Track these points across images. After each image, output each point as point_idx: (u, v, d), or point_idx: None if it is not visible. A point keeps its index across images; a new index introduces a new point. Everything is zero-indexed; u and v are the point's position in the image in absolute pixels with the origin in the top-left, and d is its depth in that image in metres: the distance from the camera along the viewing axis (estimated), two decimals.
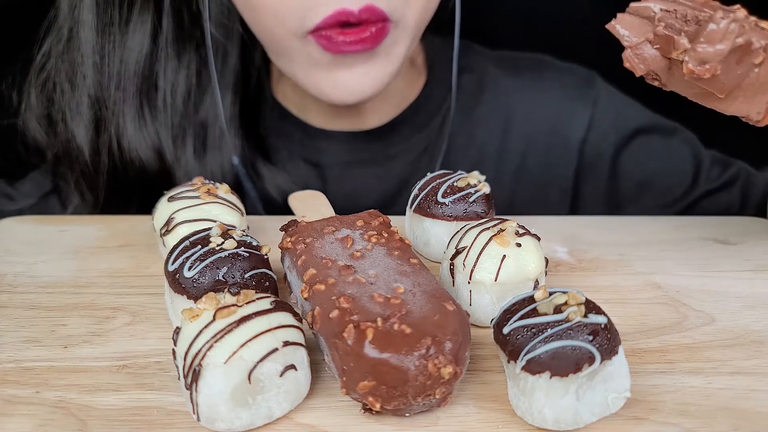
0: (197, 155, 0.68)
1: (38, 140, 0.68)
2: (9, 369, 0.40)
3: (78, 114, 0.65)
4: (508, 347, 0.35)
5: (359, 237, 0.44)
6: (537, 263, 0.43)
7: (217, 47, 0.66)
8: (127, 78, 0.64)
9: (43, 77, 0.66)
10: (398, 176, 0.73)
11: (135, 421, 0.36)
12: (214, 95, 0.66)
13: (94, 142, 0.66)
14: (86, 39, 0.63)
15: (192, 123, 0.67)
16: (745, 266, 0.52)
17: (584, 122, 0.74)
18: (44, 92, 0.66)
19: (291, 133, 0.73)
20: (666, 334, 0.43)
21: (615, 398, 0.35)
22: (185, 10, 0.65)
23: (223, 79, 0.67)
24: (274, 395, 0.35)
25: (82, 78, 0.64)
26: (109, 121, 0.65)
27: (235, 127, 0.69)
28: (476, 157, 0.74)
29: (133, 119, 0.65)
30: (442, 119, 0.73)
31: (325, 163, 0.73)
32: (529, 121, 0.75)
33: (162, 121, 0.66)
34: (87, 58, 0.64)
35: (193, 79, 0.67)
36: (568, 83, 0.75)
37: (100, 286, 0.49)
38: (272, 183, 0.70)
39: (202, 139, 0.68)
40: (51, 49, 0.65)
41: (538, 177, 0.75)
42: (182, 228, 0.48)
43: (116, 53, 0.64)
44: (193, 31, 0.65)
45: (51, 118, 0.66)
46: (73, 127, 0.65)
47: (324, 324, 0.36)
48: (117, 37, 0.64)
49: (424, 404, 0.35)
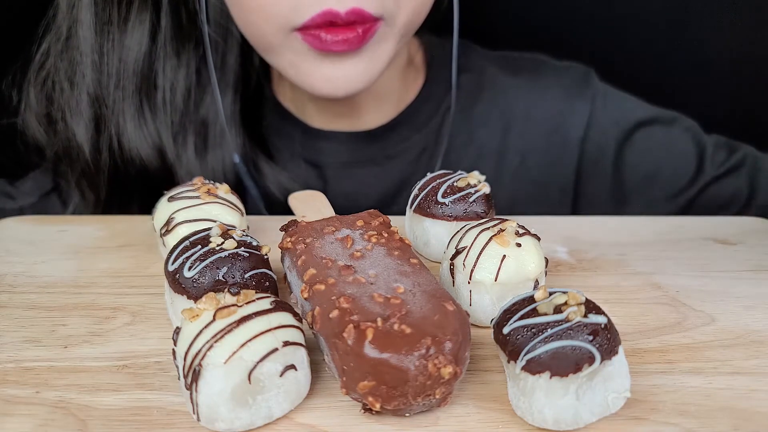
0: (198, 153, 0.68)
1: (38, 139, 0.68)
2: (9, 369, 0.40)
3: (78, 113, 0.65)
4: (508, 347, 0.35)
5: (359, 237, 0.44)
6: (537, 263, 0.43)
7: (215, 46, 0.66)
8: (127, 77, 0.65)
9: (43, 76, 0.66)
10: (398, 176, 0.73)
11: (135, 421, 0.36)
12: (213, 93, 0.66)
13: (95, 141, 0.66)
14: (85, 38, 0.64)
15: (192, 121, 0.68)
16: (745, 266, 0.52)
17: (583, 120, 0.74)
18: (44, 91, 0.66)
19: (291, 134, 0.73)
20: (666, 334, 0.43)
21: (615, 398, 0.35)
22: (183, 9, 0.65)
23: (223, 77, 0.67)
24: (274, 395, 0.35)
25: (81, 77, 0.65)
26: (109, 119, 0.66)
27: (236, 126, 0.69)
28: (476, 157, 0.74)
29: (133, 117, 0.66)
30: (441, 119, 0.74)
31: (325, 163, 0.73)
32: (528, 120, 0.75)
33: (162, 120, 0.66)
34: (86, 57, 0.64)
35: (192, 78, 0.67)
36: (566, 82, 0.76)
37: (100, 286, 0.49)
38: (274, 181, 0.70)
39: (203, 137, 0.68)
40: (50, 48, 0.65)
41: (538, 176, 0.75)
42: (182, 228, 0.48)
43: (115, 52, 0.64)
44: (192, 29, 0.66)
45: (51, 117, 0.67)
46: (73, 125, 0.66)
47: (324, 324, 0.36)
48: (116, 35, 0.64)
49: (424, 404, 0.35)
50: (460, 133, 0.73)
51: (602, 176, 0.75)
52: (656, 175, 0.74)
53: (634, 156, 0.74)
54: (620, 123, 0.75)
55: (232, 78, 0.68)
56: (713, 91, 0.68)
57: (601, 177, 0.75)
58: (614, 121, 0.75)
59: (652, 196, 0.74)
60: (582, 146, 0.75)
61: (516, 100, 0.75)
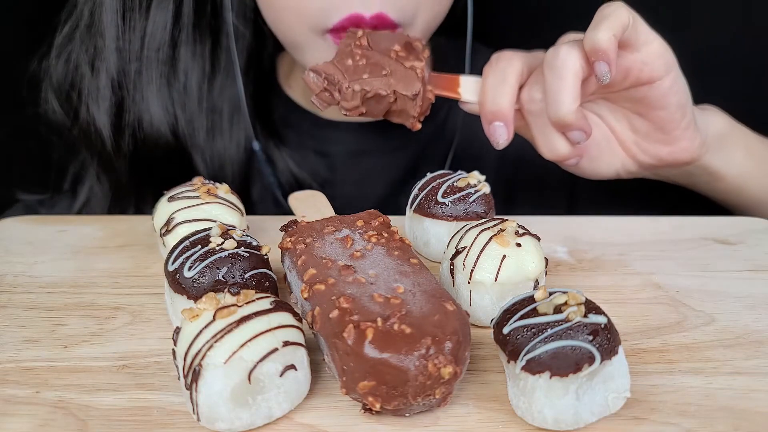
0: (214, 140, 0.70)
1: (59, 122, 0.70)
2: (9, 369, 0.40)
3: (98, 97, 0.67)
4: (508, 347, 0.35)
5: (359, 237, 0.44)
6: (537, 263, 0.43)
7: (236, 35, 0.69)
8: (147, 62, 0.67)
9: (64, 61, 0.68)
10: (405, 166, 0.75)
11: (135, 421, 0.36)
12: (235, 81, 0.69)
13: (115, 125, 0.68)
14: (108, 23, 0.66)
15: (210, 108, 0.70)
16: (745, 266, 0.52)
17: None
18: (66, 75, 0.68)
19: (299, 124, 0.75)
20: (666, 334, 0.43)
21: (615, 398, 0.35)
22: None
23: (240, 67, 0.70)
24: (274, 395, 0.35)
25: (102, 62, 0.67)
26: (129, 104, 0.68)
27: (250, 114, 0.71)
28: (476, 156, 0.75)
29: (153, 102, 0.68)
30: (447, 112, 0.75)
31: (333, 153, 0.75)
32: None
33: (181, 106, 0.68)
34: (110, 42, 0.66)
35: (211, 65, 0.69)
36: None
37: (100, 286, 0.49)
38: (285, 170, 0.72)
39: (220, 124, 0.70)
40: (72, 33, 0.67)
41: (537, 169, 0.75)
42: (182, 228, 0.48)
43: (137, 38, 0.66)
44: (213, 17, 0.68)
45: (71, 101, 0.68)
46: (94, 109, 0.67)
47: (324, 324, 0.36)
48: (138, 22, 0.66)
49: (424, 404, 0.35)
50: (462, 131, 0.74)
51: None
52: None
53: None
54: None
55: (245, 68, 0.71)
56: (713, 90, 0.68)
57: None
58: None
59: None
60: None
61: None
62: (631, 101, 0.54)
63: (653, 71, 0.51)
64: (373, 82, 0.52)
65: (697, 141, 0.55)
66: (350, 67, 0.53)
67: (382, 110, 0.54)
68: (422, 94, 0.53)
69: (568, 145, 0.52)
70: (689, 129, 0.54)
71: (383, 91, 0.52)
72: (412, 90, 0.52)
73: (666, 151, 0.56)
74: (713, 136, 0.58)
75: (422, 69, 0.53)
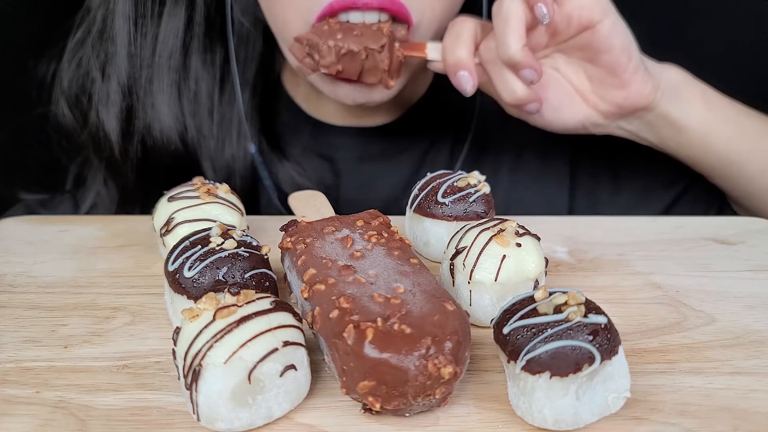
0: (223, 149, 0.71)
1: (68, 125, 0.70)
2: (9, 369, 0.40)
3: (108, 102, 0.68)
4: (508, 347, 0.35)
5: (359, 237, 0.44)
6: (537, 263, 0.43)
7: (244, 41, 0.70)
8: (158, 69, 0.67)
9: (76, 65, 0.68)
10: (409, 170, 0.75)
11: (135, 421, 0.36)
12: (234, 87, 0.70)
13: (123, 130, 0.69)
14: (120, 29, 0.66)
15: (219, 117, 0.70)
16: (745, 266, 0.52)
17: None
18: (77, 80, 0.68)
19: (303, 129, 0.75)
20: (666, 334, 0.43)
21: (615, 398, 0.35)
22: (214, 6, 0.68)
23: (245, 72, 0.71)
24: (274, 395, 0.35)
25: (113, 67, 0.67)
26: (138, 110, 0.68)
27: (254, 120, 0.72)
28: (477, 155, 0.75)
29: (163, 111, 0.68)
30: (448, 115, 0.75)
31: (337, 158, 0.75)
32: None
33: (191, 114, 0.69)
34: (121, 48, 0.67)
35: (221, 74, 0.70)
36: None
37: (100, 286, 0.49)
38: (286, 175, 0.73)
39: (229, 133, 0.71)
40: (85, 38, 0.68)
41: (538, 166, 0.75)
42: (182, 228, 0.48)
43: (148, 44, 0.67)
44: (222, 25, 0.69)
45: (81, 105, 0.69)
46: (103, 114, 0.68)
47: (324, 324, 0.36)
48: (150, 29, 0.67)
49: (424, 404, 0.35)
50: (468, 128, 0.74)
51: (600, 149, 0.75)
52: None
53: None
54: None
55: (253, 74, 0.71)
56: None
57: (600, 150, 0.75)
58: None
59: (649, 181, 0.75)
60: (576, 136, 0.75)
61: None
62: (579, 49, 0.58)
63: (591, 13, 0.55)
64: (347, 39, 0.59)
65: (649, 85, 0.58)
66: (326, 31, 0.59)
67: (356, 68, 0.60)
68: (390, 48, 0.59)
69: (525, 87, 0.56)
70: (638, 72, 0.57)
71: (355, 47, 0.58)
72: (379, 42, 0.58)
73: (621, 96, 0.58)
74: (668, 83, 0.60)
75: (388, 27, 0.59)
